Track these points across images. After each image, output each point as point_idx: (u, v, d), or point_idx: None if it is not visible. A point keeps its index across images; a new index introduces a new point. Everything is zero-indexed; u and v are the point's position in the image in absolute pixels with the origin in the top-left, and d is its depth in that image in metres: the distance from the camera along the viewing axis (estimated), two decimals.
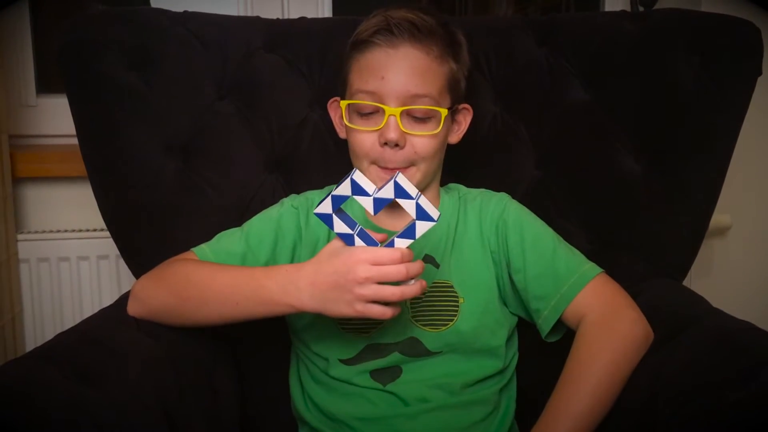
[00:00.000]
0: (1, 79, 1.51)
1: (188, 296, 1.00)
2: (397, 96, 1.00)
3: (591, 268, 1.05)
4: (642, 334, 0.99)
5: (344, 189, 0.88)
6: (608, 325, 0.99)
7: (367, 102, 1.02)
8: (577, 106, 1.23)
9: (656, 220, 1.18)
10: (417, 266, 0.90)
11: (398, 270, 0.88)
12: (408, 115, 1.02)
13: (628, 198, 1.19)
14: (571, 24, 1.30)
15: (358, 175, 0.88)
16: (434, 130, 1.03)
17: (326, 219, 0.90)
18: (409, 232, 0.90)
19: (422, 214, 0.88)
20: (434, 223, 0.89)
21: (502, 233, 1.08)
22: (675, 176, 1.17)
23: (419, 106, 1.01)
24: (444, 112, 1.03)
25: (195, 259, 1.05)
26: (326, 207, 0.90)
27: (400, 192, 0.87)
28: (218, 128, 1.24)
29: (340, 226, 0.91)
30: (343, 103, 1.04)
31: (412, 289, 0.90)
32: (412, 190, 0.88)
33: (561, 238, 1.09)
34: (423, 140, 1.03)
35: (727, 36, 1.16)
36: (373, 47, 1.02)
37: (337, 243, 0.92)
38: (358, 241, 0.91)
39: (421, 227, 0.89)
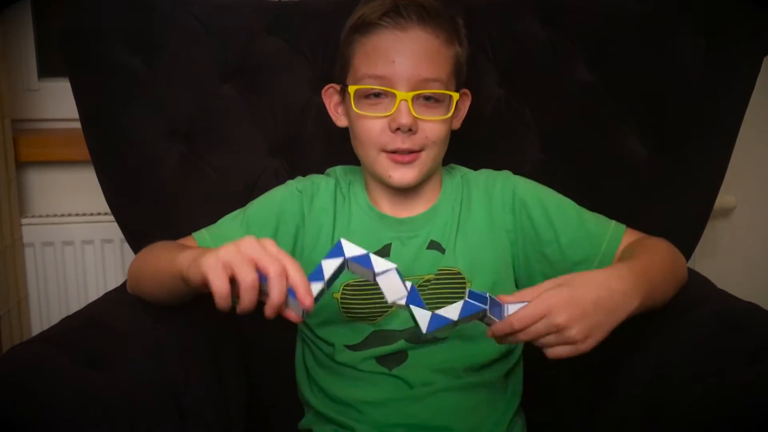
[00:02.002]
0: (3, 64, 1.51)
1: (146, 270, 0.99)
2: (408, 80, 0.98)
3: (617, 223, 1.07)
4: (684, 261, 1.04)
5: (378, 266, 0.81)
6: (657, 240, 1.04)
7: (377, 87, 1.00)
8: (581, 87, 1.23)
9: (661, 202, 1.18)
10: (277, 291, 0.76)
11: (272, 264, 0.75)
12: (418, 99, 1.00)
13: (632, 179, 1.19)
14: (576, 4, 1.29)
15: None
16: (445, 114, 1.01)
17: (334, 251, 0.81)
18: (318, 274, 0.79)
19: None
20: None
21: (521, 211, 1.07)
22: (680, 157, 1.17)
23: (431, 91, 1.00)
24: (456, 96, 1.02)
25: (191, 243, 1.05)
26: (350, 250, 0.81)
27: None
28: (221, 112, 1.23)
29: (328, 265, 0.80)
30: (351, 89, 1.01)
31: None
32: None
33: (575, 202, 1.09)
34: (434, 125, 1.01)
35: (733, 16, 1.15)
36: (380, 30, 0.99)
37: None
38: (315, 285, 0.79)
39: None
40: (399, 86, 0.98)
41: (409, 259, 1.05)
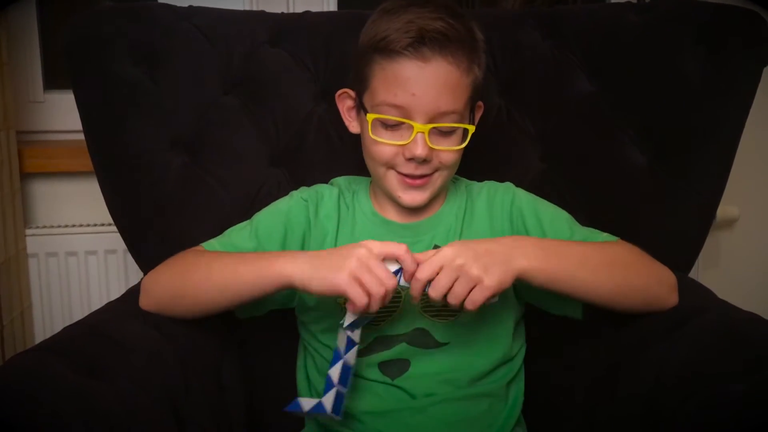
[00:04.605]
0: (9, 75, 1.52)
1: (193, 273, 1.01)
2: (427, 112, 0.99)
3: (608, 235, 1.07)
4: (672, 282, 1.02)
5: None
6: (625, 246, 1.04)
7: (395, 118, 1.00)
8: (582, 98, 1.23)
9: (661, 212, 1.18)
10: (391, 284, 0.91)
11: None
12: (434, 129, 1.00)
13: (633, 190, 1.19)
14: (577, 16, 1.30)
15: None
16: (459, 144, 1.03)
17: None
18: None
19: None
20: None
21: (518, 221, 1.09)
22: (680, 167, 1.17)
23: (447, 124, 1.00)
24: (471, 129, 1.03)
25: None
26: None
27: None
28: (224, 123, 1.24)
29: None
30: (370, 117, 1.02)
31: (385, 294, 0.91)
32: None
33: (572, 217, 1.10)
34: (448, 153, 1.02)
35: (732, 26, 1.16)
36: (402, 58, 0.98)
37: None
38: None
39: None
40: (416, 117, 0.99)
41: None
